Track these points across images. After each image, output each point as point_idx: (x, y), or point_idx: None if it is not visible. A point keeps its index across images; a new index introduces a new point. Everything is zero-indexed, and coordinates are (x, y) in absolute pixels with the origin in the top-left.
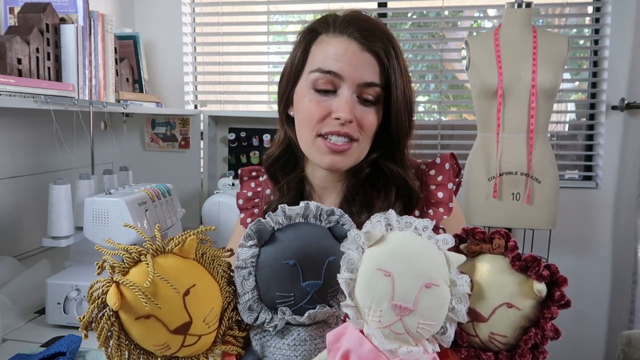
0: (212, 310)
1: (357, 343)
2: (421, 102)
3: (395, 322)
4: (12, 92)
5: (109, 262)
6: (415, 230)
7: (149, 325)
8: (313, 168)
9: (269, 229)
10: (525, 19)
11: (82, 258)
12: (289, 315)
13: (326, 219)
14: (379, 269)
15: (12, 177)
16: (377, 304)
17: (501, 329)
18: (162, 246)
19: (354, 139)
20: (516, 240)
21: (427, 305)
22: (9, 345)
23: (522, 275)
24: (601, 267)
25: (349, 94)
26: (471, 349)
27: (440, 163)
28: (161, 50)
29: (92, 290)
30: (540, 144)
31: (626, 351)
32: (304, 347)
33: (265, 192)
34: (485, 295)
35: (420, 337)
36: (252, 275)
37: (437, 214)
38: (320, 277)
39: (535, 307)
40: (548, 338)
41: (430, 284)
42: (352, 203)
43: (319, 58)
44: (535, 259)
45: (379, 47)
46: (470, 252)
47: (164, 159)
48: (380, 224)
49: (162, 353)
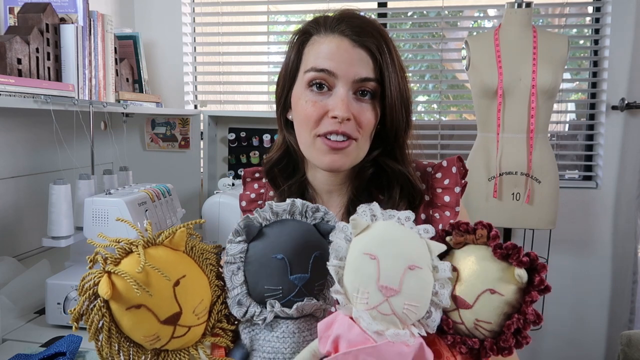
0: (201, 302)
1: (347, 328)
2: (421, 102)
3: (382, 303)
4: (12, 92)
5: (101, 254)
6: (398, 220)
7: (139, 316)
8: (314, 172)
9: (257, 225)
10: (525, 19)
11: (82, 258)
12: (277, 308)
13: (312, 216)
14: (365, 253)
15: (12, 177)
16: (364, 286)
17: (486, 315)
18: (152, 238)
19: (352, 137)
20: (498, 231)
21: (411, 286)
22: (9, 345)
23: (504, 262)
24: (601, 267)
25: (344, 92)
26: (457, 335)
27: (447, 166)
28: (161, 50)
29: (83, 282)
30: (540, 144)
31: (626, 351)
32: (293, 339)
33: (269, 194)
34: (470, 282)
35: (406, 318)
36: (240, 270)
37: (443, 217)
38: (307, 271)
39: (517, 293)
40: (530, 323)
41: (414, 265)
42: (359, 205)
43: (312, 58)
44: (516, 247)
45: (371, 43)
46: (455, 243)
47: (164, 159)
48: (366, 214)
49: (152, 345)
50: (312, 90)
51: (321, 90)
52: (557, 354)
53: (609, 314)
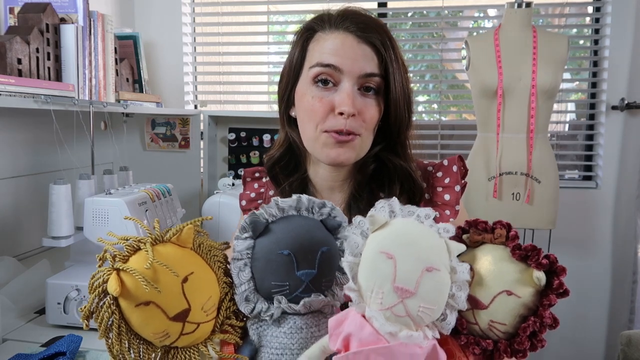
0: (210, 299)
1: (358, 327)
2: (421, 102)
3: (396, 305)
4: (12, 92)
5: (110, 252)
6: (418, 218)
7: (148, 312)
8: (316, 168)
9: (263, 221)
10: (525, 19)
11: (82, 258)
12: (284, 304)
13: (318, 212)
14: (382, 251)
15: (12, 177)
16: (379, 286)
17: (501, 316)
18: (160, 235)
19: (356, 134)
20: (517, 231)
21: (427, 288)
22: (9, 345)
23: (522, 264)
24: (601, 267)
25: (350, 87)
26: (470, 336)
27: (447, 165)
28: (161, 50)
29: (92, 280)
30: (540, 144)
31: (626, 351)
32: (300, 334)
33: (269, 193)
34: (486, 283)
35: (420, 321)
36: (247, 266)
37: (443, 216)
38: (314, 267)
39: (534, 296)
40: (546, 326)
41: (432, 267)
42: (359, 201)
43: (317, 54)
44: (535, 248)
45: (376, 38)
46: (472, 242)
47: (164, 159)
48: (384, 210)
49: (162, 342)
50: (318, 86)
51: (326, 85)
52: (557, 353)
53: (609, 314)
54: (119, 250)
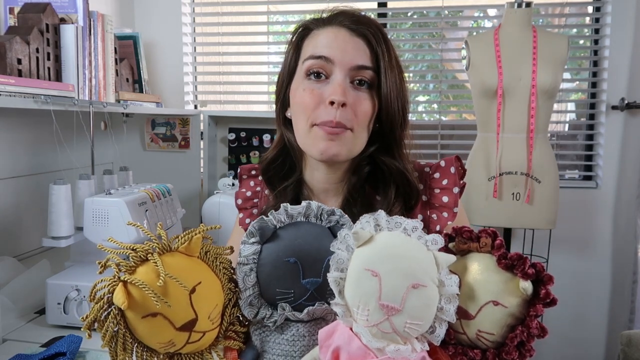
0: (216, 307)
1: (347, 340)
2: (421, 102)
3: (382, 322)
4: (12, 92)
5: (113, 261)
6: (405, 231)
7: (155, 323)
8: (312, 170)
9: (271, 227)
10: (525, 18)
11: (82, 258)
12: (288, 311)
13: (327, 219)
14: (367, 269)
15: (12, 177)
16: (365, 303)
17: (488, 326)
18: (167, 244)
19: (347, 127)
20: (502, 239)
21: (414, 305)
22: (9, 345)
23: (509, 273)
24: (601, 267)
25: (341, 77)
26: (459, 346)
27: (445, 166)
28: (161, 50)
29: (95, 290)
30: (540, 144)
31: (626, 351)
32: (302, 342)
33: (265, 191)
34: (472, 293)
35: (408, 336)
36: (253, 271)
37: (440, 218)
38: (319, 275)
39: (521, 305)
40: (534, 336)
41: (418, 284)
42: (354, 204)
43: (311, 48)
44: (521, 258)
45: (368, 32)
46: (458, 250)
47: (164, 159)
48: (370, 224)
49: (166, 350)
50: (310, 79)
51: (319, 78)
52: (557, 353)
53: (609, 314)
54: (123, 260)
